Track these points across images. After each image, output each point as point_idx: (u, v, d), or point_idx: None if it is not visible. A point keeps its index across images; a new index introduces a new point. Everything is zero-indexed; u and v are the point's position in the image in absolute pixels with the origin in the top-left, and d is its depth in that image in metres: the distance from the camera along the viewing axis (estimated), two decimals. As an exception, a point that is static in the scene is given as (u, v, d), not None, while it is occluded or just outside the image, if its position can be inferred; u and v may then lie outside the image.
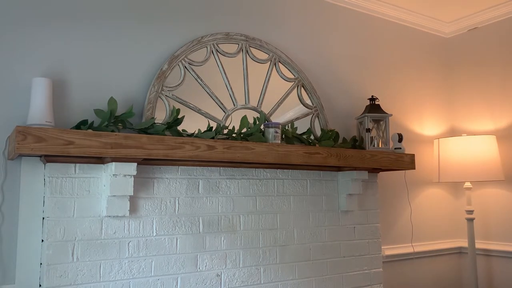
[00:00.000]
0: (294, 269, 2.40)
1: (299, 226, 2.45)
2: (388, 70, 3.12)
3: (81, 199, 1.88)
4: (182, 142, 1.92)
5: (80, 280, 1.84)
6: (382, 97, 2.94)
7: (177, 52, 2.22)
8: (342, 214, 2.62)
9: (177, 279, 2.06)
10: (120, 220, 1.95)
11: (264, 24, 2.60)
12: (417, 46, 3.33)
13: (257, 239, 2.31)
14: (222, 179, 2.24)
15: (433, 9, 3.19)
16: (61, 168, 1.85)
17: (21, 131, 1.60)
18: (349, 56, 2.95)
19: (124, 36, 2.14)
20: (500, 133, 3.07)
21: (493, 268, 3.07)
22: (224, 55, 2.37)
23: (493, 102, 3.17)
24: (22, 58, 1.89)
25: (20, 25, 1.90)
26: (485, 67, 3.24)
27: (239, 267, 2.24)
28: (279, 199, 2.40)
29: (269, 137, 2.24)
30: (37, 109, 1.77)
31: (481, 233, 3.11)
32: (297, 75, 2.60)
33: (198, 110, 2.24)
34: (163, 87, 2.15)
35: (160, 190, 2.06)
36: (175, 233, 2.08)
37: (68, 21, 2.01)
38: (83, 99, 1.99)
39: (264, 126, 2.27)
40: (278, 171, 2.42)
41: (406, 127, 3.14)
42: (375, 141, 2.68)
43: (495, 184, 3.08)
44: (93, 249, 1.88)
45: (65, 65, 1.98)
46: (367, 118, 2.65)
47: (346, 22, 2.98)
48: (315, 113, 2.62)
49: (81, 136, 1.71)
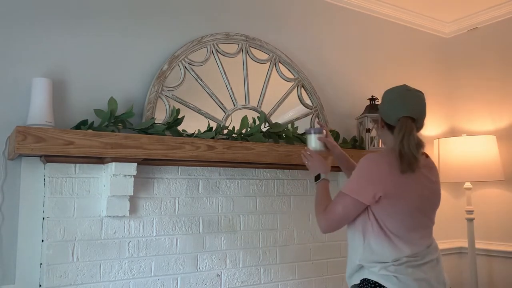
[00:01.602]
0: (294, 269, 2.40)
1: (299, 226, 2.45)
2: (388, 70, 3.12)
3: (81, 199, 1.88)
4: (182, 142, 1.92)
5: (80, 280, 1.84)
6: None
7: (177, 52, 2.22)
8: (342, 214, 2.61)
9: (177, 279, 2.06)
10: (120, 220, 1.95)
11: (264, 24, 2.60)
12: (417, 46, 3.33)
13: (257, 239, 2.31)
14: (222, 179, 2.24)
15: (433, 9, 3.19)
16: (61, 168, 1.85)
17: (21, 131, 1.60)
18: (349, 56, 2.95)
19: (124, 36, 2.14)
20: (500, 133, 3.07)
21: (493, 268, 3.07)
22: (224, 55, 2.37)
23: (493, 102, 3.17)
24: (22, 58, 1.89)
25: (20, 25, 1.90)
26: (485, 67, 3.24)
27: (239, 267, 2.24)
28: (279, 199, 2.40)
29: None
30: (37, 109, 1.77)
31: (481, 233, 3.10)
32: (297, 75, 2.60)
33: (198, 110, 2.24)
34: (163, 87, 2.15)
35: (160, 190, 2.06)
36: (175, 233, 2.08)
37: (68, 21, 2.01)
38: (83, 99, 1.99)
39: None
40: (278, 171, 2.42)
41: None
42: (375, 141, 2.68)
43: (495, 184, 3.08)
44: (93, 249, 1.88)
45: (65, 65, 1.98)
46: (367, 118, 2.65)
47: (346, 22, 2.98)
48: (315, 113, 2.62)
49: (81, 136, 1.71)
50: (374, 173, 1.57)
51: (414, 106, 1.63)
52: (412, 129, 1.57)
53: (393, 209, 1.55)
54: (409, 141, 1.54)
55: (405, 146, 1.53)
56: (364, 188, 1.55)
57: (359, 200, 1.55)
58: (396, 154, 1.55)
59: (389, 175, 1.55)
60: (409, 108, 1.61)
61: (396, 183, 1.55)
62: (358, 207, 1.57)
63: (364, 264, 1.57)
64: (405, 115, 1.59)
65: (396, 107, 1.62)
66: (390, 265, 1.52)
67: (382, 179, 1.55)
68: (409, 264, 1.52)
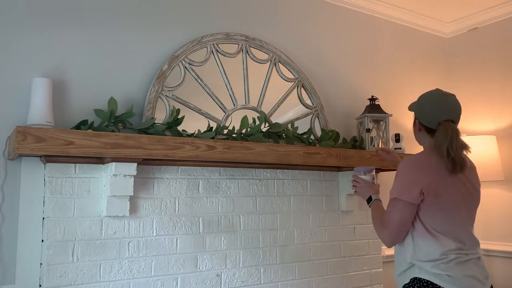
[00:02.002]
0: (294, 269, 2.40)
1: (299, 226, 2.45)
2: (388, 70, 3.12)
3: (81, 199, 1.87)
4: (182, 142, 1.92)
5: (80, 280, 1.84)
6: (382, 97, 2.94)
7: (177, 52, 2.22)
8: (342, 214, 2.62)
9: (177, 279, 2.06)
10: (120, 220, 1.95)
11: (264, 24, 2.60)
12: (417, 46, 3.33)
13: (257, 239, 2.31)
14: (222, 179, 2.24)
15: (433, 9, 3.19)
16: (61, 168, 1.85)
17: (21, 131, 1.60)
18: (349, 56, 2.95)
19: (124, 36, 2.14)
20: (500, 133, 3.07)
21: (493, 268, 3.07)
22: (224, 55, 2.37)
23: (493, 102, 3.17)
24: (22, 58, 1.89)
25: (20, 25, 1.90)
26: (485, 67, 3.24)
27: (239, 267, 2.24)
28: (279, 199, 2.40)
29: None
30: (37, 109, 1.77)
31: (481, 233, 3.10)
32: (297, 75, 2.60)
33: (198, 110, 2.24)
34: (163, 87, 2.15)
35: (160, 190, 2.06)
36: (175, 233, 2.08)
37: (68, 21, 2.01)
38: (83, 99, 1.99)
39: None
40: (278, 171, 2.42)
41: (406, 127, 3.13)
42: (375, 141, 2.68)
43: (495, 184, 3.08)
44: (93, 249, 1.88)
45: (65, 65, 1.98)
46: (367, 118, 2.65)
47: (346, 22, 2.98)
48: (315, 113, 2.62)
49: (81, 136, 1.71)
50: (414, 172, 1.65)
51: (453, 109, 1.72)
52: (458, 132, 1.69)
53: (435, 207, 1.63)
54: (457, 144, 1.65)
55: (454, 148, 1.64)
56: (408, 188, 1.62)
57: (408, 202, 1.62)
58: (444, 155, 1.64)
59: (431, 173, 1.64)
60: (449, 112, 1.70)
61: (438, 181, 1.63)
62: (411, 209, 1.63)
63: (415, 262, 1.63)
64: (446, 118, 1.69)
65: (436, 112, 1.71)
66: (440, 263, 1.58)
67: (424, 177, 1.63)
68: (457, 261, 1.59)
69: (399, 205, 1.63)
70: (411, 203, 1.62)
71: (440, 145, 1.65)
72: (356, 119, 2.76)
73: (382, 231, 1.70)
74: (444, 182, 1.64)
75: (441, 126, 1.67)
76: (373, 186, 1.93)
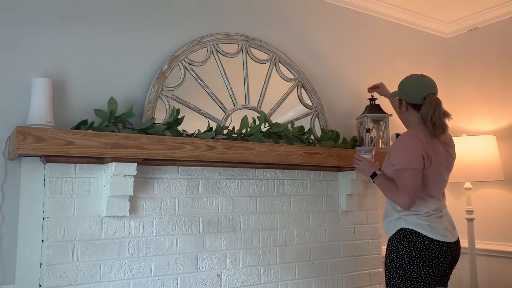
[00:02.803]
0: (294, 269, 2.40)
1: (299, 226, 2.45)
2: (388, 70, 3.12)
3: (81, 199, 1.87)
4: (182, 142, 1.92)
5: (80, 280, 1.84)
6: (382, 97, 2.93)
7: (177, 52, 2.22)
8: (342, 214, 2.62)
9: (177, 279, 2.06)
10: (120, 220, 1.95)
11: (264, 24, 2.60)
12: (417, 46, 3.33)
13: (257, 239, 2.31)
14: (222, 179, 2.24)
15: (433, 9, 3.19)
16: (61, 168, 1.85)
17: (21, 131, 1.60)
18: (349, 56, 2.95)
19: (124, 36, 2.14)
20: (500, 133, 3.07)
21: (493, 268, 3.07)
22: (224, 55, 2.37)
23: (493, 102, 3.17)
24: (22, 58, 1.89)
25: (20, 25, 1.90)
26: (485, 67, 3.24)
27: (239, 267, 2.24)
28: (279, 199, 2.40)
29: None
30: (37, 109, 1.77)
31: (481, 233, 3.10)
32: (297, 75, 2.60)
33: (198, 110, 2.24)
34: (163, 87, 2.15)
35: (160, 190, 2.06)
36: (175, 233, 2.08)
37: (68, 22, 2.01)
38: (83, 99, 1.99)
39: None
40: (278, 171, 2.42)
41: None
42: (375, 141, 2.68)
43: (495, 184, 3.08)
44: (93, 249, 1.88)
45: (65, 65, 1.98)
46: (367, 118, 2.65)
47: (346, 22, 2.98)
48: (315, 113, 2.62)
49: (81, 136, 1.71)
50: (414, 144, 1.90)
51: (432, 84, 2.01)
52: (441, 102, 1.95)
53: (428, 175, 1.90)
54: (439, 112, 1.92)
55: (436, 115, 1.91)
56: (414, 158, 1.88)
57: (417, 168, 1.87)
58: (429, 124, 1.92)
59: (426, 143, 1.91)
60: (430, 87, 1.99)
61: (430, 148, 1.91)
62: (420, 174, 1.88)
63: (402, 216, 1.93)
64: (429, 92, 1.96)
65: (419, 89, 1.98)
66: (423, 216, 1.90)
67: (422, 147, 1.89)
68: (435, 216, 1.92)
69: (409, 172, 1.87)
70: (419, 169, 1.87)
71: (426, 114, 1.92)
72: (356, 119, 2.76)
73: (400, 197, 1.89)
74: (433, 150, 1.92)
75: (427, 99, 1.94)
76: (374, 163, 2.12)
